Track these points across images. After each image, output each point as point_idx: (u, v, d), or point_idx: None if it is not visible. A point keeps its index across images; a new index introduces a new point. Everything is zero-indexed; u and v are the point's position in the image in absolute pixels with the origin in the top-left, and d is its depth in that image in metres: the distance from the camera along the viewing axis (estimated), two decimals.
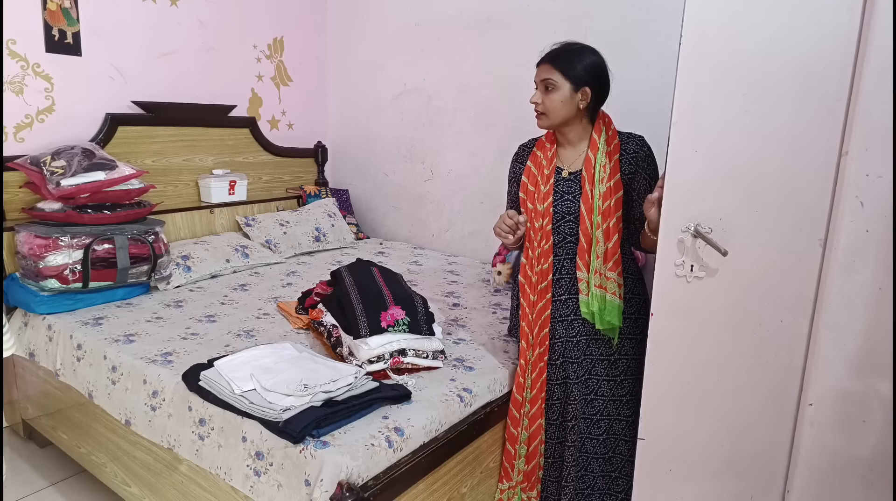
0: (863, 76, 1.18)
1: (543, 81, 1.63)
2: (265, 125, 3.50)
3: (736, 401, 1.42)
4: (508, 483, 1.78)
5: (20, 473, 2.28)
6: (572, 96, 1.62)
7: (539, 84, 1.65)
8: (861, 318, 1.26)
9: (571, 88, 1.62)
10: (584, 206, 1.64)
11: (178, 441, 1.65)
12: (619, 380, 1.71)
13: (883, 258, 1.22)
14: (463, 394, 1.66)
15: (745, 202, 1.32)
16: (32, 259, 2.20)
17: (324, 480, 1.32)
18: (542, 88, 1.64)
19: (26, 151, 2.45)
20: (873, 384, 1.27)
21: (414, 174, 3.51)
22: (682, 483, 1.50)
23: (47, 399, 2.24)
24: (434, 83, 3.32)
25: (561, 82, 1.61)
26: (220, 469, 1.54)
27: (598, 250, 1.63)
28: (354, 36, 3.64)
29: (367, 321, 1.72)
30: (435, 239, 3.49)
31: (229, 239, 2.95)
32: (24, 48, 2.46)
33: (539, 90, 1.65)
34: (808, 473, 1.37)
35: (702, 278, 1.38)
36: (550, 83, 1.62)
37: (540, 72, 1.65)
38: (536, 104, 1.66)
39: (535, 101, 1.66)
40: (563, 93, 1.62)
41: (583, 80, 1.62)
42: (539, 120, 1.68)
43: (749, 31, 1.26)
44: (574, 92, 1.62)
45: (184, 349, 1.88)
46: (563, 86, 1.61)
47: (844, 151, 1.22)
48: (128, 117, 2.76)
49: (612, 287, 1.63)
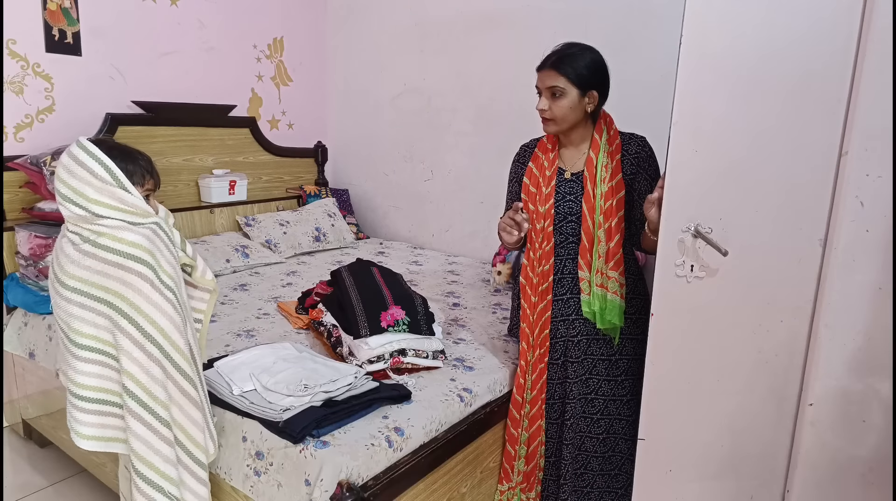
0: (863, 76, 1.18)
1: (550, 88, 1.59)
2: (265, 125, 3.50)
3: (736, 401, 1.42)
4: (508, 484, 1.78)
5: (20, 473, 2.28)
6: (580, 101, 1.60)
7: (545, 91, 1.60)
8: (861, 318, 1.26)
9: (579, 93, 1.59)
10: (585, 205, 1.64)
11: None
12: (619, 380, 1.71)
13: (883, 258, 1.22)
14: (463, 394, 1.66)
15: (745, 202, 1.32)
16: (32, 259, 2.20)
17: (324, 480, 1.32)
18: (548, 94, 1.60)
19: (26, 151, 2.45)
20: (873, 384, 1.27)
21: (414, 174, 3.51)
22: (683, 483, 1.50)
23: (47, 399, 2.24)
24: (434, 83, 3.32)
25: (568, 88, 1.58)
26: (220, 469, 1.54)
27: (600, 249, 1.63)
28: (354, 36, 3.64)
29: (367, 321, 1.72)
30: (435, 239, 3.49)
31: (229, 239, 2.95)
32: (24, 48, 2.46)
33: (545, 97, 1.61)
34: (808, 473, 1.37)
35: (702, 278, 1.38)
36: (558, 90, 1.58)
37: (544, 78, 1.61)
38: (543, 111, 1.62)
39: (542, 108, 1.61)
40: (570, 98, 1.59)
41: (589, 83, 1.60)
42: (547, 126, 1.65)
43: (749, 30, 1.26)
44: (581, 96, 1.60)
45: None
46: (571, 91, 1.58)
47: (844, 151, 1.22)
48: (128, 117, 2.76)
49: (613, 287, 1.63)
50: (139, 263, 1.24)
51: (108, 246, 1.24)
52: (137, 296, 1.24)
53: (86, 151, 1.25)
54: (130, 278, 1.24)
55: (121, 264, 1.24)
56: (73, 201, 1.25)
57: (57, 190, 1.27)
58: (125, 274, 1.24)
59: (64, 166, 1.25)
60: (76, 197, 1.24)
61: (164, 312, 1.26)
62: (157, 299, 1.26)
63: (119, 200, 1.26)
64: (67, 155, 1.26)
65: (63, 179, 1.25)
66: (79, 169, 1.24)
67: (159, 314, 1.26)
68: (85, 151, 1.25)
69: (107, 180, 1.25)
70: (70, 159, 1.25)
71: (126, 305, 1.24)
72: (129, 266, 1.24)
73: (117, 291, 1.24)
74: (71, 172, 1.24)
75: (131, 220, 1.28)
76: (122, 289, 1.24)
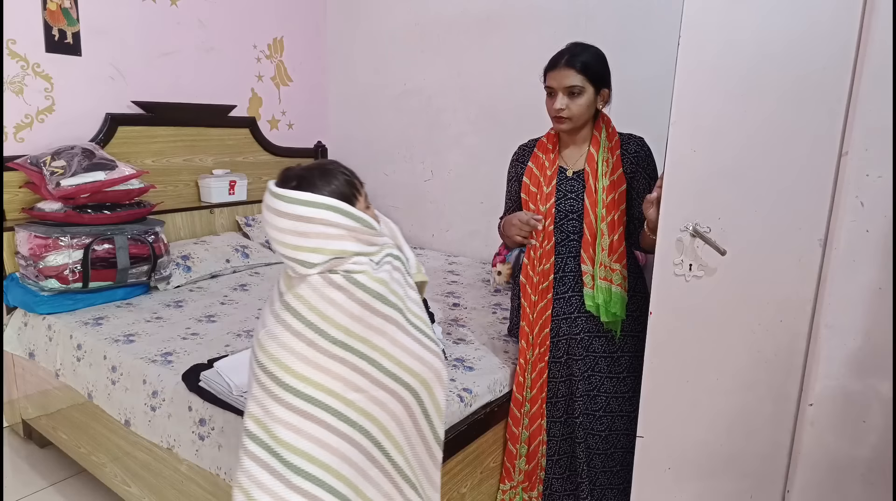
0: (863, 76, 1.18)
1: (569, 87, 1.59)
2: (265, 125, 3.50)
3: (735, 401, 1.42)
4: (510, 483, 1.78)
5: (20, 473, 2.28)
6: (595, 99, 1.63)
7: (562, 90, 1.60)
8: (861, 318, 1.26)
9: (594, 91, 1.62)
10: (588, 199, 1.65)
11: (178, 441, 1.65)
12: (622, 377, 1.71)
13: (883, 258, 1.22)
14: (463, 394, 1.66)
15: (744, 202, 1.32)
16: (32, 259, 2.20)
17: None
18: (566, 93, 1.60)
19: (26, 151, 2.45)
20: (873, 384, 1.27)
21: (414, 174, 3.51)
22: (681, 481, 1.50)
23: (47, 399, 2.24)
24: (434, 83, 3.32)
25: (586, 86, 1.60)
26: (220, 469, 1.54)
27: (603, 242, 1.63)
28: (354, 36, 3.64)
29: None
30: (435, 239, 3.49)
31: (229, 239, 2.95)
32: (24, 48, 2.46)
33: (563, 96, 1.60)
34: (808, 473, 1.37)
35: (700, 277, 1.38)
36: (577, 88, 1.59)
37: (560, 77, 1.60)
38: (561, 111, 1.61)
39: (559, 107, 1.61)
40: (587, 97, 1.61)
41: (603, 81, 1.63)
42: (561, 125, 1.65)
43: (748, 30, 1.26)
44: (595, 94, 1.62)
45: (184, 349, 1.88)
46: (588, 89, 1.60)
47: (844, 151, 1.22)
48: (128, 117, 2.76)
49: (617, 279, 1.64)
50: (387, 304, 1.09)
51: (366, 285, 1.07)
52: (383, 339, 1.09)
53: (304, 203, 1.05)
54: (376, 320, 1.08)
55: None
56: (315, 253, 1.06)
57: (289, 245, 1.06)
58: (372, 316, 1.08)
59: (289, 230, 1.04)
60: (314, 255, 1.05)
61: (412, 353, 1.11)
62: (406, 342, 1.11)
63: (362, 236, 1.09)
64: (284, 216, 1.04)
65: (292, 243, 1.06)
66: (305, 225, 1.04)
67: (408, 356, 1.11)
68: (302, 203, 1.05)
69: (344, 225, 1.06)
70: (292, 220, 1.04)
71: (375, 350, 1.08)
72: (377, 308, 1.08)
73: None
74: (302, 233, 1.04)
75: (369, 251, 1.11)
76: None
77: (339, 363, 1.04)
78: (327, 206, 1.05)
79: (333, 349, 1.03)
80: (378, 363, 1.06)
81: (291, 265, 1.07)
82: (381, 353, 1.06)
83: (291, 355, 1.03)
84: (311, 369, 1.02)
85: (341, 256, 1.05)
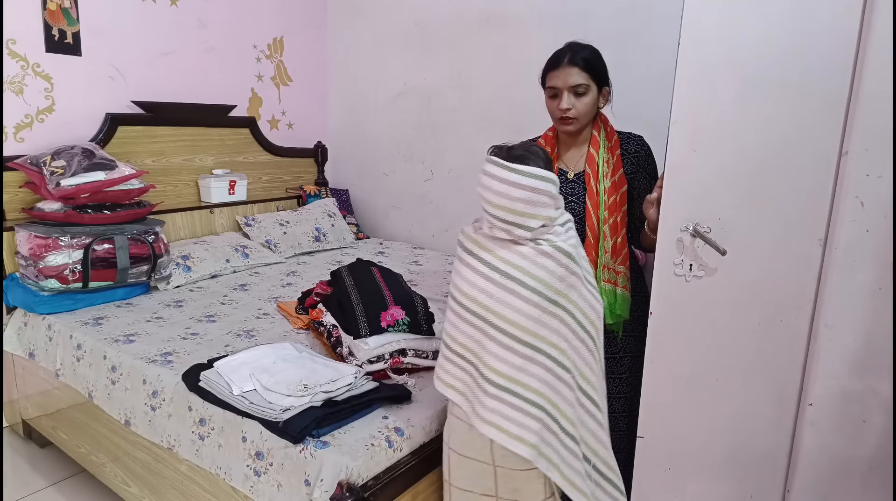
0: (863, 76, 1.18)
1: (574, 86, 1.59)
2: (265, 125, 3.50)
3: (735, 401, 1.42)
4: None
5: (20, 473, 2.28)
6: (598, 98, 1.63)
7: (568, 90, 1.59)
8: (861, 318, 1.26)
9: (597, 90, 1.62)
10: (589, 201, 1.64)
11: (178, 441, 1.65)
12: (623, 378, 1.72)
13: (883, 258, 1.22)
14: None
15: (744, 202, 1.32)
16: (32, 259, 2.20)
17: (324, 480, 1.32)
18: (572, 93, 1.60)
19: (26, 151, 2.45)
20: (873, 384, 1.27)
21: (414, 174, 3.51)
22: (682, 481, 1.50)
23: (47, 399, 2.24)
24: (434, 83, 3.32)
25: (591, 85, 1.60)
26: (220, 469, 1.54)
27: (606, 244, 1.63)
28: (354, 36, 3.64)
29: (367, 321, 1.72)
30: (435, 239, 3.49)
31: (229, 239, 2.95)
32: (24, 48, 2.46)
33: (569, 95, 1.60)
34: (808, 473, 1.37)
35: (701, 277, 1.38)
36: (582, 87, 1.59)
37: (564, 76, 1.59)
38: (567, 111, 1.61)
39: (566, 107, 1.60)
40: (592, 95, 1.61)
41: (604, 79, 1.63)
42: (567, 125, 1.64)
43: (748, 30, 1.26)
44: (598, 93, 1.62)
45: (184, 349, 1.88)
46: (593, 88, 1.60)
47: (844, 151, 1.22)
48: (128, 117, 2.76)
49: (621, 281, 1.64)
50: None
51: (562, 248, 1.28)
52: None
53: (536, 177, 1.23)
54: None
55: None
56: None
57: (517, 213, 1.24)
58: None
59: (521, 199, 1.22)
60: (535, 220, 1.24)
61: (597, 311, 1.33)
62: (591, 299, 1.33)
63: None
64: (520, 187, 1.22)
65: (521, 211, 1.23)
66: (535, 195, 1.22)
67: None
68: (536, 177, 1.23)
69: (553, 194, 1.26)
70: (526, 191, 1.22)
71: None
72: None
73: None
74: (532, 202, 1.23)
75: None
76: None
77: (554, 318, 1.26)
78: (551, 180, 1.25)
79: (551, 308, 1.26)
80: (573, 315, 1.28)
81: (509, 229, 1.25)
82: (574, 306, 1.28)
83: (526, 319, 1.25)
84: (537, 326, 1.26)
85: (547, 222, 1.27)
